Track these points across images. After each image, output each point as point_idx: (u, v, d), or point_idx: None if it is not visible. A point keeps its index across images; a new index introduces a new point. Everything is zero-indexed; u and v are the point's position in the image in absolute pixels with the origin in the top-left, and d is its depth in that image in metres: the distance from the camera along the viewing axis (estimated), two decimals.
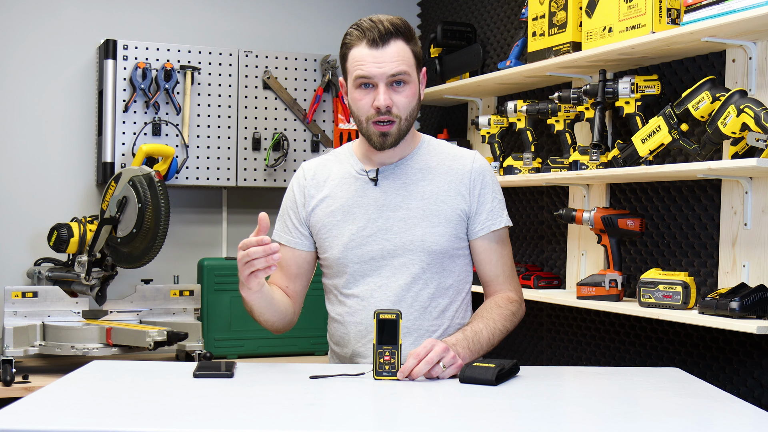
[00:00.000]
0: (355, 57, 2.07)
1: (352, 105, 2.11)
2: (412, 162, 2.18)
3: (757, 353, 2.42)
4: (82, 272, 3.35)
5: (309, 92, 3.94)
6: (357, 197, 2.15)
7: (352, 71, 2.08)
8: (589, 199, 3.03)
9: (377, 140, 2.09)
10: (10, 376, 3.03)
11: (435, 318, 2.15)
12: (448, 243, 2.14)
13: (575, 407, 1.80)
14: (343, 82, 2.15)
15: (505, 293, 2.20)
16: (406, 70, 2.06)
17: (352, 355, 2.16)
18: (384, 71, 2.04)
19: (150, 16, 3.89)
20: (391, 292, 2.12)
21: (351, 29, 2.09)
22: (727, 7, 2.30)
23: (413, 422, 1.64)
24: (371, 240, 2.13)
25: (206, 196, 3.98)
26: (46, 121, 3.74)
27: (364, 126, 2.10)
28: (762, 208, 2.41)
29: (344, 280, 2.16)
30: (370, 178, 2.16)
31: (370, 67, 2.04)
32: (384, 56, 2.04)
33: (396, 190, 2.15)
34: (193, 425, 1.51)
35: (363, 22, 2.07)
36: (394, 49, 2.05)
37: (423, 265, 2.12)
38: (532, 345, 3.37)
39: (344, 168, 2.20)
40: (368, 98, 2.07)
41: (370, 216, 2.14)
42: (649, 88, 2.70)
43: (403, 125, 2.09)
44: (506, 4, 3.59)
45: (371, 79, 2.05)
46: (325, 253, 2.18)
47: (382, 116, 2.06)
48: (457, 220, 2.15)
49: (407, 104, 2.08)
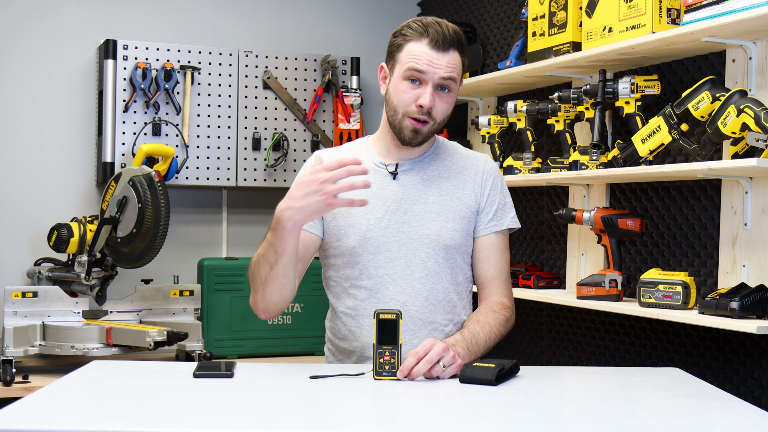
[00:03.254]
0: (413, 50, 2.09)
1: (393, 94, 2.13)
2: (430, 159, 2.22)
3: (757, 353, 2.42)
4: (82, 272, 3.35)
5: (309, 92, 3.94)
6: (375, 189, 2.16)
7: (405, 62, 2.10)
8: (589, 199, 3.03)
9: (408, 134, 2.12)
10: (10, 376, 3.03)
11: (448, 312, 2.17)
12: (461, 239, 2.18)
13: (575, 407, 1.80)
14: (386, 69, 2.17)
15: (498, 299, 2.21)
16: (455, 78, 2.12)
17: (363, 348, 2.15)
18: (438, 73, 2.08)
19: (150, 16, 3.89)
20: (407, 285, 2.14)
21: (413, 23, 2.11)
22: (727, 7, 2.30)
23: (413, 422, 1.64)
24: (388, 232, 2.14)
25: (206, 196, 3.98)
26: (46, 121, 3.74)
27: (399, 118, 2.12)
28: (762, 208, 2.41)
29: (357, 271, 2.16)
30: (389, 171, 2.19)
31: (426, 64, 2.08)
32: (441, 60, 2.08)
33: (414, 185, 2.18)
34: (193, 425, 1.51)
35: (429, 23, 2.10)
36: (452, 57, 2.10)
37: (438, 259, 2.15)
38: (532, 345, 3.37)
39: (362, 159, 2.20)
40: (413, 93, 2.10)
41: (388, 208, 2.16)
42: (649, 88, 2.70)
43: (434, 128, 2.15)
44: (506, 4, 3.59)
45: (423, 75, 2.08)
46: (338, 241, 2.17)
47: (422, 115, 2.10)
48: (470, 216, 2.20)
49: (445, 110, 2.14)
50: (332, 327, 2.24)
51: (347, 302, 2.18)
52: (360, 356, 2.17)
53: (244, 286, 3.65)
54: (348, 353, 2.20)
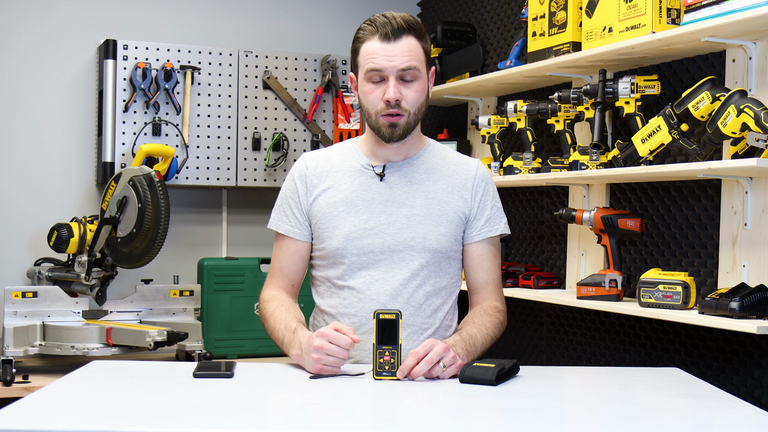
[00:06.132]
0: (367, 50, 2.10)
1: (362, 98, 2.14)
2: (418, 162, 2.21)
3: (757, 353, 2.42)
4: (82, 272, 3.35)
5: (309, 92, 3.94)
6: (362, 190, 2.16)
7: (363, 64, 2.11)
8: (589, 199, 3.03)
9: (386, 131, 2.11)
10: (10, 376, 3.03)
11: (428, 316, 2.16)
12: (447, 243, 2.17)
13: (575, 407, 1.80)
14: (354, 77, 2.18)
15: (492, 302, 2.22)
16: (416, 66, 2.09)
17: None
18: (395, 65, 2.07)
19: (150, 16, 3.90)
20: (389, 286, 2.13)
21: (364, 24, 2.12)
22: (727, 7, 2.30)
23: (413, 422, 1.64)
24: (373, 233, 2.14)
25: (206, 196, 3.98)
26: (46, 121, 3.74)
27: (374, 119, 2.12)
28: (762, 208, 2.41)
29: (340, 271, 2.16)
30: (376, 173, 2.18)
31: (381, 60, 2.07)
32: (395, 50, 2.07)
33: (401, 187, 2.17)
34: (193, 425, 1.51)
35: (376, 18, 2.10)
36: (406, 44, 2.08)
37: (422, 262, 2.14)
38: (532, 345, 3.37)
39: (349, 161, 2.21)
40: (378, 91, 2.10)
41: (373, 210, 2.15)
42: (649, 88, 2.70)
43: (411, 119, 2.12)
44: (506, 4, 3.59)
45: (382, 72, 2.08)
46: (322, 243, 2.18)
47: (392, 109, 2.09)
48: (458, 222, 2.18)
49: (416, 99, 2.11)
50: (316, 326, 2.24)
51: (330, 301, 2.19)
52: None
53: (244, 286, 3.66)
54: None
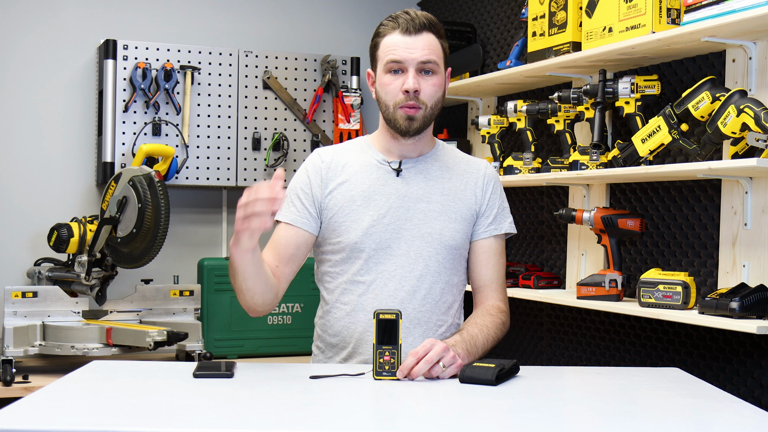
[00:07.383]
0: (387, 43, 2.13)
1: (380, 91, 2.15)
2: (432, 159, 2.23)
3: (757, 353, 2.42)
4: (82, 272, 3.35)
5: (309, 92, 3.94)
6: (379, 185, 2.17)
7: (383, 57, 2.13)
8: (589, 199, 3.03)
9: (403, 123, 2.13)
10: (10, 376, 3.02)
11: (443, 313, 2.18)
12: (461, 240, 2.19)
13: (575, 407, 1.80)
14: (371, 73, 2.20)
15: (495, 303, 2.22)
16: (436, 60, 2.12)
17: (356, 344, 2.15)
18: (415, 56, 2.10)
19: (150, 16, 3.89)
20: (407, 283, 2.14)
21: (385, 21, 2.16)
22: (727, 7, 2.30)
23: (413, 422, 1.64)
24: (391, 228, 2.15)
25: (206, 196, 3.98)
26: (46, 121, 3.74)
27: (391, 111, 2.13)
28: (762, 208, 2.41)
29: (357, 266, 2.15)
30: (393, 168, 2.19)
31: (402, 51, 2.10)
32: (416, 43, 2.10)
33: (418, 183, 2.19)
34: (193, 425, 1.51)
35: (398, 15, 2.14)
36: (426, 39, 2.12)
37: (439, 258, 2.16)
38: (532, 345, 3.37)
39: (364, 156, 2.22)
40: (397, 83, 2.11)
41: (391, 204, 2.16)
42: (649, 88, 2.70)
43: (428, 113, 2.14)
44: (506, 4, 3.59)
45: (402, 64, 2.10)
46: (339, 236, 2.16)
47: (410, 101, 2.11)
48: (470, 219, 2.21)
49: (434, 93, 2.13)
50: (324, 323, 2.23)
51: (343, 297, 2.17)
52: (352, 352, 2.16)
53: None
54: (338, 349, 2.19)
